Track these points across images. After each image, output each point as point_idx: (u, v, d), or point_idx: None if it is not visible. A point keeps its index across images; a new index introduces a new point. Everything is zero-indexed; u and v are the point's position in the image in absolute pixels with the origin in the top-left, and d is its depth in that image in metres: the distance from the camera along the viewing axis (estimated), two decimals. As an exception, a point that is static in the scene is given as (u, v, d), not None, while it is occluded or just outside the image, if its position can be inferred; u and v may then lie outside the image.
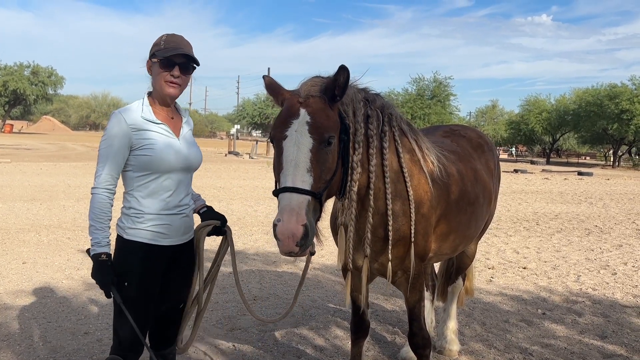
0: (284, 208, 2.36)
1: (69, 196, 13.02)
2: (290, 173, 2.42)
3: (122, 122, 2.63)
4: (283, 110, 2.62)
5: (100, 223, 2.60)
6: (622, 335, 5.10)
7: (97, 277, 2.59)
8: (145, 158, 2.65)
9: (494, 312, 5.70)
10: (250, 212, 11.92)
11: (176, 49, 2.70)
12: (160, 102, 2.78)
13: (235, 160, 31.90)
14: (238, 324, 5.02)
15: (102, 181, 2.62)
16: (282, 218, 2.33)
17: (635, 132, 49.29)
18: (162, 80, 2.71)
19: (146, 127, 2.67)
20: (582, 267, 7.92)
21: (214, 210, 3.05)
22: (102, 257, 2.57)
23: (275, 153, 2.56)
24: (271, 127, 2.65)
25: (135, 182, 2.70)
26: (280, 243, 2.34)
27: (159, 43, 2.74)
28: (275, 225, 2.33)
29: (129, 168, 2.69)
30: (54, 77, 70.23)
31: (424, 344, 3.41)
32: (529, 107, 60.27)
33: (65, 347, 4.34)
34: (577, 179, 29.53)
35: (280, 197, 2.40)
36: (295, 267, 7.24)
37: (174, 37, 2.77)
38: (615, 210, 15.28)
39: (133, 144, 2.64)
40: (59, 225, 9.40)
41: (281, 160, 2.48)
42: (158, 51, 2.71)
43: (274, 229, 2.35)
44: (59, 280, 6.20)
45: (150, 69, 2.77)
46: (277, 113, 2.70)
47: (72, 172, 19.28)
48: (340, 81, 2.60)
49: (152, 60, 2.73)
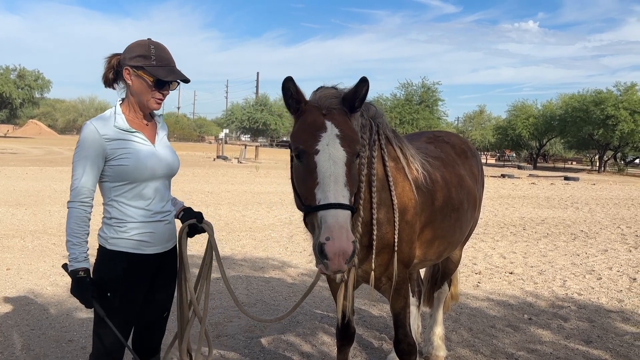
0: (332, 226, 2.25)
1: (55, 201, 12.89)
2: (332, 189, 2.34)
3: (94, 133, 2.55)
4: (306, 123, 2.53)
5: (77, 238, 2.54)
6: (607, 340, 5.14)
7: (76, 293, 2.54)
8: (121, 168, 2.59)
9: (481, 317, 5.72)
10: (238, 217, 11.88)
11: (172, 70, 2.64)
12: (136, 112, 2.71)
13: (224, 165, 31.79)
14: (225, 331, 4.99)
15: (77, 194, 2.56)
16: (332, 236, 2.23)
17: (620, 137, 49.91)
18: (149, 97, 2.66)
19: (120, 136, 2.60)
20: (568, 272, 7.98)
21: (192, 210, 2.98)
22: (80, 274, 2.52)
23: (304, 167, 2.45)
24: (294, 140, 2.53)
25: (113, 192, 2.64)
26: (329, 262, 2.23)
27: (149, 56, 2.61)
28: (324, 244, 2.23)
29: (106, 179, 2.63)
30: (40, 80, 69.66)
31: (409, 350, 3.41)
32: (516, 113, 60.79)
33: (48, 355, 4.28)
34: (564, 184, 29.80)
35: (325, 214, 2.29)
36: (283, 273, 7.22)
37: (163, 52, 2.66)
38: (601, 215, 15.42)
39: (107, 155, 2.57)
40: (44, 231, 9.30)
41: (315, 175, 2.38)
42: (149, 67, 2.60)
43: (321, 248, 2.23)
44: (44, 287, 6.13)
45: (129, 77, 2.64)
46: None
47: (59, 176, 19.11)
48: (361, 93, 2.58)
49: (136, 70, 2.62)
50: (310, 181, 2.40)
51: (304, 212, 2.48)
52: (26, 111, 77.28)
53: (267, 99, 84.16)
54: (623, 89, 51.75)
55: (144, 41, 2.69)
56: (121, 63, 2.67)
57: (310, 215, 2.41)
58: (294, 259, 8.13)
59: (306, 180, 2.43)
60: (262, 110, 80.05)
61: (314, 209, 2.34)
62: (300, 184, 2.49)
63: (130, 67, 2.63)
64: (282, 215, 12.48)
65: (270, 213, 12.69)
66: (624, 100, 49.47)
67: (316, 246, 2.27)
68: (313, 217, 2.37)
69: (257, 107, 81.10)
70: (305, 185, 2.43)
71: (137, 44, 2.68)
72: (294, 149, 2.52)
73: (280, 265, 7.69)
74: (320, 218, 2.30)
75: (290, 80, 2.53)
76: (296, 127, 2.58)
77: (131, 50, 2.66)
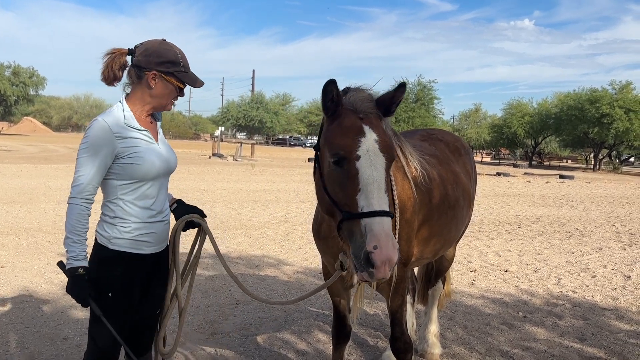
0: (379, 234, 2.22)
1: (50, 199, 12.85)
2: (376, 196, 2.30)
3: (107, 130, 2.51)
4: (343, 127, 2.45)
5: (77, 236, 2.51)
6: (601, 338, 5.16)
7: (73, 292, 2.51)
8: (133, 167, 2.57)
9: (476, 315, 5.73)
10: (233, 215, 11.87)
11: (195, 78, 2.71)
12: (147, 110, 2.69)
13: (219, 163, 31.75)
14: (220, 329, 4.99)
15: (81, 190, 2.51)
16: (380, 245, 2.20)
17: (615, 135, 50.13)
18: (169, 99, 2.70)
19: (130, 134, 2.58)
20: (562, 270, 8.01)
21: (185, 204, 2.96)
22: (79, 272, 2.49)
23: (344, 173, 2.37)
24: (332, 145, 2.43)
25: (119, 190, 2.61)
26: (375, 271, 2.21)
27: (178, 62, 2.63)
28: (371, 252, 2.19)
29: (112, 176, 2.60)
30: (35, 77, 69.42)
31: (405, 348, 3.41)
32: (511, 111, 60.98)
33: (43, 353, 4.27)
34: (559, 182, 29.89)
35: (371, 221, 2.25)
36: (279, 271, 7.21)
37: (185, 57, 2.69)
38: (596, 213, 15.48)
39: (119, 153, 2.54)
40: (39, 229, 9.27)
41: (356, 182, 2.32)
42: (179, 74, 2.63)
43: (368, 257, 2.20)
44: (38, 284, 6.11)
45: (153, 81, 2.62)
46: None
47: (54, 174, 19.03)
48: (399, 98, 2.56)
49: (165, 76, 2.62)
50: (351, 187, 2.34)
51: (342, 219, 2.36)
52: (21, 108, 76.91)
53: (262, 96, 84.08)
54: (618, 87, 52.03)
55: (167, 45, 2.67)
56: (143, 65, 2.61)
57: (349, 222, 2.32)
58: (290, 256, 8.13)
59: (346, 186, 2.36)
60: (257, 108, 79.97)
61: (358, 216, 2.28)
62: (337, 189, 2.40)
63: (159, 72, 2.61)
64: (278, 213, 12.48)
65: (265, 211, 12.68)
66: (619, 99, 49.72)
67: (361, 255, 2.23)
68: (353, 225, 2.30)
69: (253, 105, 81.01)
70: (345, 191, 2.36)
71: (163, 47, 2.65)
72: (332, 154, 2.41)
73: (276, 263, 7.69)
74: (365, 226, 2.25)
75: (333, 82, 2.47)
76: (331, 130, 2.49)
77: (158, 55, 2.62)
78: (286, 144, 77.55)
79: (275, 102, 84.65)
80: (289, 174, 25.46)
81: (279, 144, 78.27)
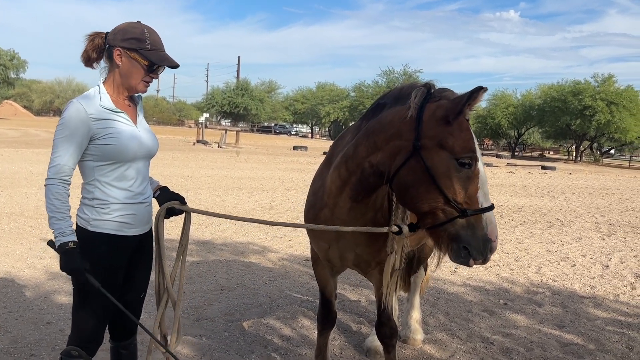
0: (496, 226, 2.52)
1: (32, 183, 12.70)
2: (488, 192, 2.57)
3: (81, 112, 2.53)
4: (468, 130, 2.54)
5: (60, 213, 2.51)
6: (579, 325, 5.28)
7: (67, 267, 2.50)
8: (108, 147, 2.57)
9: (458, 302, 5.82)
10: (218, 202, 11.85)
11: (164, 55, 2.66)
12: (122, 92, 2.70)
13: (204, 149, 31.58)
14: (204, 314, 5.01)
15: (57, 171, 2.53)
16: (497, 235, 2.53)
17: (596, 128, 50.73)
18: (139, 80, 2.66)
19: (106, 116, 2.59)
20: (543, 259, 8.14)
21: (169, 190, 2.96)
22: (69, 246, 2.49)
23: (468, 173, 2.50)
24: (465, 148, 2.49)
25: (96, 172, 2.62)
26: (488, 257, 2.50)
27: (143, 40, 2.61)
28: (494, 242, 2.49)
29: (89, 158, 2.60)
30: (16, 60, 68.10)
31: (391, 333, 3.47)
32: (495, 102, 61.33)
33: (26, 338, 4.26)
34: (541, 173, 30.24)
35: (491, 215, 2.51)
36: (263, 258, 7.24)
37: (156, 36, 2.67)
38: (576, 203, 15.72)
39: (94, 134, 2.55)
40: (20, 213, 9.17)
41: (477, 181, 2.53)
42: (143, 50, 2.61)
43: (492, 246, 2.49)
44: (21, 269, 6.07)
45: (120, 58, 2.63)
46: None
47: (35, 158, 18.79)
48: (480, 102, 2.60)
49: (129, 52, 2.61)
50: (472, 186, 2.51)
51: (463, 214, 2.46)
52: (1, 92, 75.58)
53: (248, 83, 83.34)
54: (601, 80, 52.58)
55: (137, 24, 2.67)
56: (110, 43, 2.63)
57: (467, 218, 2.48)
58: (275, 244, 8.15)
59: (469, 186, 2.51)
60: (243, 95, 79.32)
61: (480, 211, 2.49)
62: (458, 189, 2.49)
63: (123, 49, 2.61)
64: (263, 200, 12.48)
65: (250, 198, 12.68)
66: (601, 92, 50.28)
67: (484, 245, 2.48)
68: (474, 220, 2.48)
69: (238, 92, 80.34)
70: (467, 190, 2.50)
71: (131, 25, 2.65)
72: (464, 156, 2.48)
73: (261, 250, 7.72)
74: (486, 219, 2.49)
75: (484, 90, 2.48)
76: (452, 132, 2.49)
77: (124, 32, 2.62)
78: (271, 132, 77.24)
79: (260, 89, 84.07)
80: (274, 162, 25.41)
81: (264, 131, 77.91)
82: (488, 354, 4.49)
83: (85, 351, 2.69)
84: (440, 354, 4.49)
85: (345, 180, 2.90)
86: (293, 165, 23.93)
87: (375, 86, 58.91)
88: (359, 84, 69.98)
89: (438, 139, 2.50)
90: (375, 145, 2.70)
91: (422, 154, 2.51)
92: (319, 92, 77.50)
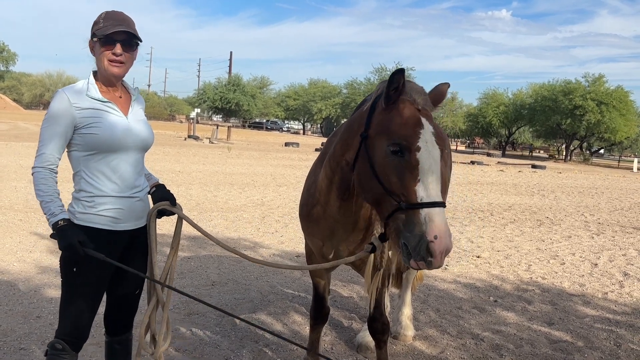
0: (440, 224, 2.24)
1: (21, 177, 12.60)
2: (435, 187, 2.32)
3: (64, 101, 2.54)
4: (403, 117, 2.43)
5: (49, 196, 2.50)
6: (568, 323, 5.32)
7: (62, 245, 2.46)
8: (91, 137, 2.56)
9: (448, 299, 5.85)
10: (209, 197, 11.82)
11: (115, 25, 2.61)
12: (106, 82, 2.69)
13: (195, 145, 31.47)
14: (195, 309, 5.00)
15: (43, 160, 2.53)
16: (440, 235, 2.22)
17: (586, 127, 51.06)
18: (105, 60, 2.63)
19: (92, 105, 2.59)
20: (533, 256, 8.20)
21: (164, 188, 2.93)
22: (59, 224, 2.47)
23: (404, 163, 2.34)
24: (391, 134, 2.40)
25: (83, 162, 2.60)
26: (433, 260, 2.23)
27: (98, 21, 2.64)
28: (432, 242, 2.21)
29: (75, 148, 2.60)
30: (5, 53, 67.79)
31: (383, 329, 3.49)
32: (487, 101, 61.60)
33: (16, 331, 4.23)
34: (531, 171, 30.44)
35: (431, 212, 2.26)
36: (255, 254, 7.23)
37: (113, 14, 2.67)
38: (566, 202, 15.84)
39: (77, 123, 2.55)
40: (10, 207, 9.10)
41: (416, 173, 2.31)
42: (98, 30, 2.61)
43: (428, 247, 2.21)
44: (10, 263, 6.02)
45: (92, 49, 2.67)
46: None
47: (25, 152, 18.64)
48: (445, 96, 2.61)
49: (93, 39, 2.64)
50: (409, 178, 2.32)
51: (398, 208, 2.32)
52: (-10, 84, 74.93)
53: (240, 79, 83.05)
54: (591, 80, 52.92)
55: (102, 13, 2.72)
56: None
57: (406, 212, 2.30)
58: (266, 239, 8.15)
59: (404, 176, 2.33)
60: (234, 91, 79.06)
61: (419, 206, 2.27)
62: (394, 179, 2.35)
63: (90, 40, 2.67)
64: (254, 196, 12.47)
65: (242, 194, 12.66)
66: (592, 92, 50.60)
67: (420, 244, 2.24)
68: (412, 214, 2.28)
69: (230, 87, 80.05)
70: (403, 181, 2.33)
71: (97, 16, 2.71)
72: (392, 143, 2.37)
73: (252, 245, 7.71)
74: (425, 216, 2.25)
75: (403, 72, 2.44)
76: (389, 119, 2.45)
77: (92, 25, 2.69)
78: (263, 128, 77.05)
79: (252, 85, 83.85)
80: (266, 158, 25.38)
81: (256, 127, 77.67)
82: (478, 350, 4.52)
83: (71, 346, 2.66)
84: (430, 350, 4.51)
85: (330, 179, 2.92)
86: (285, 162, 23.91)
87: (367, 83, 58.94)
88: (351, 81, 70.16)
89: (380, 127, 2.49)
90: (346, 142, 2.72)
91: (367, 142, 2.52)
92: (311, 89, 77.43)
